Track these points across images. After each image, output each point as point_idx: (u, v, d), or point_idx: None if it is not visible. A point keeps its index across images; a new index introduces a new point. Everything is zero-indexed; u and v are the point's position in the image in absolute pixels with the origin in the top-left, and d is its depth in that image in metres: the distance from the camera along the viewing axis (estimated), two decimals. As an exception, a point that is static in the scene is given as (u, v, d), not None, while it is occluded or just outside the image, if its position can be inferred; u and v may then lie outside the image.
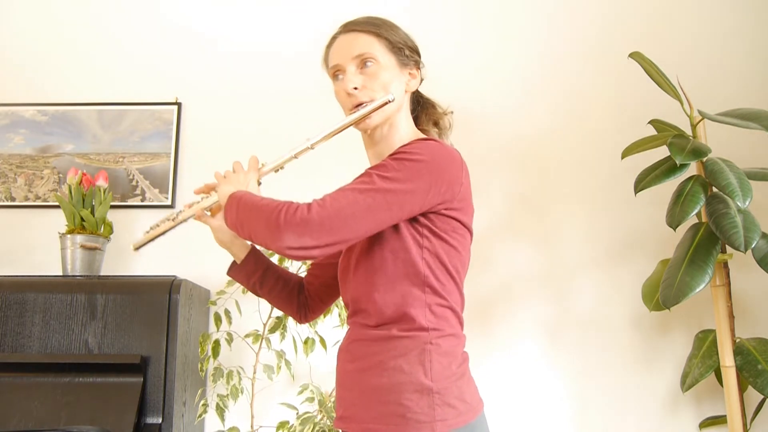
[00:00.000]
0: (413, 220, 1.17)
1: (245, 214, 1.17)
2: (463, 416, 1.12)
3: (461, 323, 1.23)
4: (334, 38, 1.32)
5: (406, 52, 1.29)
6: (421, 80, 1.37)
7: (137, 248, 1.37)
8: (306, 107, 2.40)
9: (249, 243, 1.39)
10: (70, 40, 2.51)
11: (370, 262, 1.19)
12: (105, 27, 2.52)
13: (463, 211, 1.20)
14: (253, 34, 2.50)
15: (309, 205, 1.10)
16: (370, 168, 1.18)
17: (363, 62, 1.25)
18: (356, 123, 1.25)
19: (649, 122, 2.08)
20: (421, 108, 1.39)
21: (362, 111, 1.23)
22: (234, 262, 1.40)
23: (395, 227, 1.17)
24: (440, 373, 1.12)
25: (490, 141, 2.35)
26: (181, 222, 1.34)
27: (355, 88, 1.24)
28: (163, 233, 1.35)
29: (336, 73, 1.29)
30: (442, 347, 1.15)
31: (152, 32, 2.51)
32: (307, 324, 2.02)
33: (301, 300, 1.44)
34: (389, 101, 1.23)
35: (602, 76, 2.40)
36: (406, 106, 1.32)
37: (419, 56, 1.34)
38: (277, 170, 1.31)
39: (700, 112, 1.90)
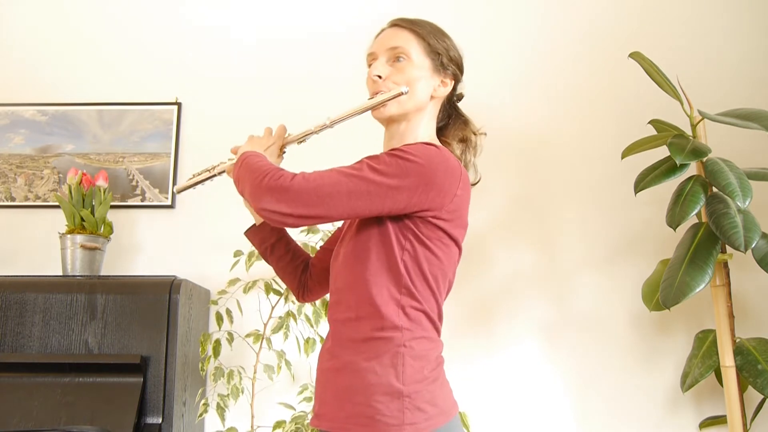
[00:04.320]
0: (399, 221, 1.18)
1: (243, 172, 1.23)
2: (432, 420, 1.12)
3: (437, 329, 1.23)
4: (381, 31, 1.35)
5: (444, 60, 1.31)
6: (459, 95, 1.39)
7: (179, 191, 1.49)
8: (306, 107, 2.40)
9: None
10: (70, 40, 2.51)
11: (355, 254, 1.21)
12: (105, 27, 2.52)
13: (453, 223, 1.21)
14: (253, 35, 2.50)
15: (295, 175, 1.16)
16: (366, 157, 1.20)
17: (396, 56, 1.28)
18: (372, 110, 1.29)
19: (649, 122, 2.08)
20: (452, 121, 1.40)
21: (376, 99, 1.27)
22: (253, 225, 1.45)
23: (382, 224, 1.19)
24: (412, 377, 1.13)
25: (489, 141, 2.32)
26: (215, 174, 1.43)
27: (379, 76, 1.28)
28: (202, 182, 1.45)
29: (370, 61, 1.33)
30: (415, 350, 1.15)
31: (152, 32, 2.51)
32: (309, 324, 2.02)
33: (303, 278, 1.46)
34: (402, 93, 1.25)
35: (602, 76, 2.40)
36: (430, 111, 1.33)
37: (459, 69, 1.36)
38: (300, 142, 1.37)
39: (700, 112, 1.90)
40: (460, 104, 1.43)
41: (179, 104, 2.43)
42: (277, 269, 1.46)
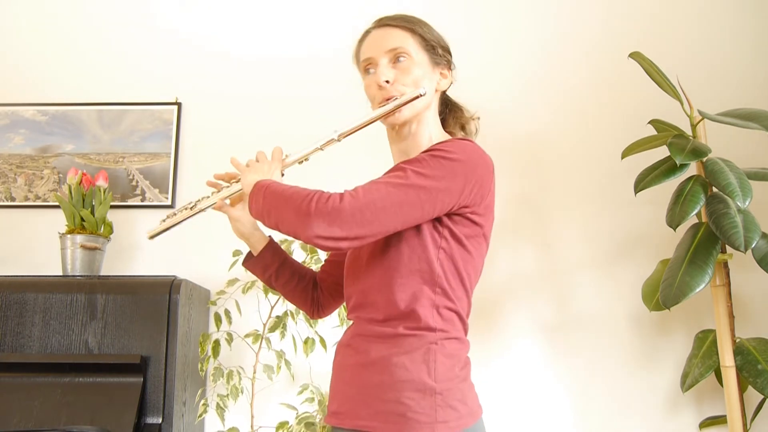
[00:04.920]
0: (435, 219, 1.16)
1: (272, 202, 1.16)
2: (464, 419, 1.10)
3: (466, 329, 1.22)
4: (367, 33, 1.32)
5: (439, 51, 1.29)
6: (451, 83, 1.37)
7: (152, 237, 1.36)
8: (306, 107, 2.40)
9: (267, 236, 1.39)
10: (70, 40, 2.51)
11: (386, 255, 1.17)
12: (105, 27, 2.52)
13: (486, 218, 1.20)
14: (252, 35, 2.50)
15: (341, 195, 1.10)
16: (403, 162, 1.17)
17: (396, 57, 1.25)
18: (385, 117, 1.24)
19: (649, 122, 2.08)
20: (449, 111, 1.39)
21: (393, 104, 1.22)
22: (250, 254, 1.39)
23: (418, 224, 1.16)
24: (444, 374, 1.11)
25: (489, 141, 2.33)
26: (199, 211, 1.34)
27: (387, 81, 1.24)
28: (180, 222, 1.33)
29: (367, 66, 1.28)
30: (447, 348, 1.14)
31: (152, 32, 2.51)
32: (306, 323, 2.02)
33: (315, 296, 1.43)
34: (421, 95, 1.22)
35: (602, 76, 2.39)
36: (434, 105, 1.32)
37: (451, 57, 1.34)
38: (302, 162, 1.30)
39: (700, 112, 1.90)
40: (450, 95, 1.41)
41: (179, 104, 2.43)
42: (285, 294, 1.41)
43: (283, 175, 1.31)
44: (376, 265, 1.18)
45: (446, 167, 1.12)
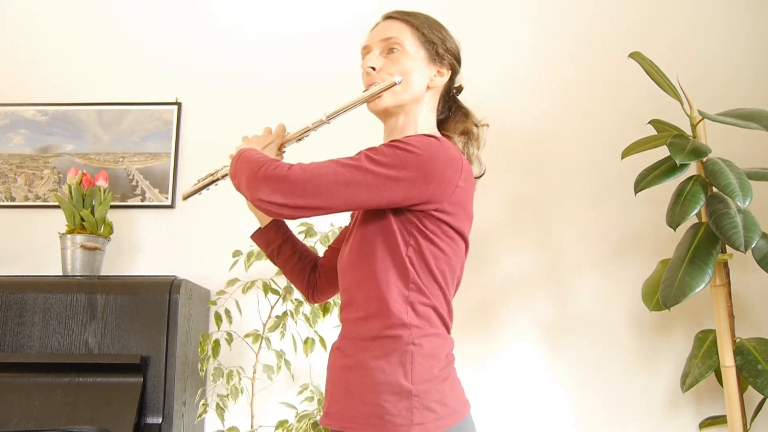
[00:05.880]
0: (401, 216, 1.16)
1: (239, 165, 1.22)
2: (443, 420, 1.10)
3: (446, 326, 1.22)
4: (376, 24, 1.35)
5: (439, 50, 1.30)
6: (458, 87, 1.38)
7: (185, 198, 1.47)
8: (307, 106, 2.40)
9: None
10: (70, 39, 2.51)
11: (361, 252, 1.20)
12: (105, 27, 2.52)
13: (456, 216, 1.18)
14: (253, 34, 2.50)
15: (292, 165, 1.14)
16: (365, 149, 1.19)
17: (389, 47, 1.28)
18: (367, 102, 1.28)
19: (649, 122, 2.08)
20: (452, 113, 1.39)
21: (370, 90, 1.26)
22: (259, 227, 1.45)
23: (385, 219, 1.17)
24: (421, 376, 1.11)
25: (489, 141, 2.33)
26: (219, 178, 1.41)
27: (372, 68, 1.27)
28: (207, 186, 1.43)
29: (364, 54, 1.32)
30: (424, 348, 1.14)
31: (152, 32, 2.51)
32: (306, 323, 2.02)
33: (312, 278, 1.45)
34: (395, 83, 1.24)
35: (602, 76, 2.39)
36: (428, 102, 1.31)
37: (456, 60, 1.34)
38: (299, 140, 1.37)
39: (700, 112, 1.90)
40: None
41: (179, 104, 2.43)
42: (285, 271, 1.46)
43: (284, 151, 1.37)
44: (355, 263, 1.21)
45: (400, 157, 1.12)
